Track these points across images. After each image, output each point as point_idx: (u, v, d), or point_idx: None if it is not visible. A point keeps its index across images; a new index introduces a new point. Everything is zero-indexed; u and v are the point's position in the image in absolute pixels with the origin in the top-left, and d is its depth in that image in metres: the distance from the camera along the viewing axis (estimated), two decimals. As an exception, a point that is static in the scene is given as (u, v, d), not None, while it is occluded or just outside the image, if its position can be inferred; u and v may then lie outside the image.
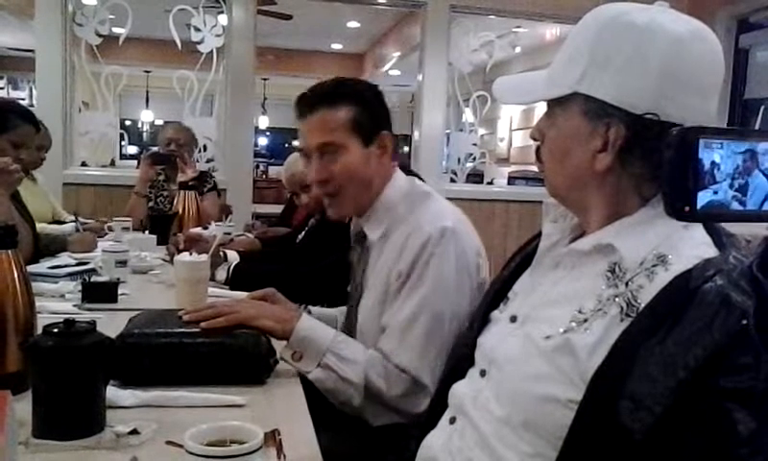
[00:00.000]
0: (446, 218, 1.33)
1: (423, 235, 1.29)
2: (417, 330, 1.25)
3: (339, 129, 1.37)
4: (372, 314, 1.36)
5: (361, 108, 1.39)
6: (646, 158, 0.81)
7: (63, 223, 3.03)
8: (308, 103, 1.40)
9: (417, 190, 1.43)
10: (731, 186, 0.55)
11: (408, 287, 1.29)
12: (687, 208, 0.54)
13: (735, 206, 0.56)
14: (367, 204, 1.42)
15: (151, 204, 3.33)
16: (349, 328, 1.46)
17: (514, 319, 0.94)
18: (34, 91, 6.78)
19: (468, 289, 1.30)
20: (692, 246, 0.79)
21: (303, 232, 2.71)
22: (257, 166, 8.72)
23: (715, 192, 0.55)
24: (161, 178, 3.37)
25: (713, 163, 0.55)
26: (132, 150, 10.96)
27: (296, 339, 1.25)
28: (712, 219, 0.72)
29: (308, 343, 1.25)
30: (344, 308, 1.59)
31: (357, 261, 1.49)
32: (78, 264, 2.09)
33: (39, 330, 0.97)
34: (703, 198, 0.55)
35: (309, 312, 1.49)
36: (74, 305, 1.66)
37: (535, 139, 0.96)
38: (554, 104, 0.90)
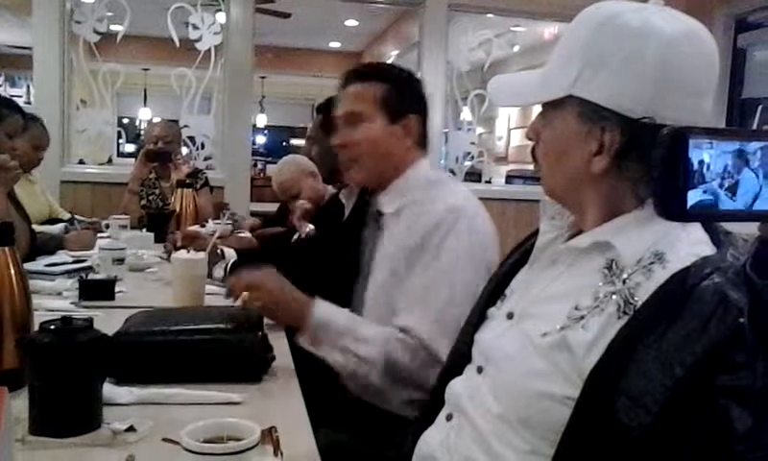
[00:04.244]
0: (459, 198, 1.38)
1: (437, 214, 1.33)
2: (434, 304, 1.28)
3: (366, 102, 1.46)
4: (380, 291, 1.39)
5: (393, 87, 1.47)
6: (642, 161, 0.81)
7: (61, 221, 3.02)
8: (346, 78, 1.51)
9: (440, 177, 1.50)
10: (720, 186, 0.55)
11: (423, 263, 1.32)
12: (677, 208, 0.54)
13: (725, 205, 0.56)
14: (382, 177, 1.47)
15: (143, 201, 3.34)
16: (357, 305, 1.48)
17: (510, 316, 0.94)
18: (31, 89, 6.77)
19: (480, 266, 1.33)
20: (689, 244, 0.80)
21: (297, 234, 2.70)
22: (255, 164, 8.69)
23: (705, 191, 0.55)
24: (152, 176, 3.39)
25: (702, 163, 0.55)
26: (130, 148, 10.91)
27: (311, 328, 1.28)
28: (702, 219, 0.72)
29: (323, 329, 1.28)
30: None
31: (369, 239, 1.51)
32: (75, 262, 2.09)
33: (36, 328, 0.97)
34: (693, 197, 0.54)
35: None
36: (71, 303, 1.66)
37: (530, 139, 0.96)
38: (549, 105, 0.90)
